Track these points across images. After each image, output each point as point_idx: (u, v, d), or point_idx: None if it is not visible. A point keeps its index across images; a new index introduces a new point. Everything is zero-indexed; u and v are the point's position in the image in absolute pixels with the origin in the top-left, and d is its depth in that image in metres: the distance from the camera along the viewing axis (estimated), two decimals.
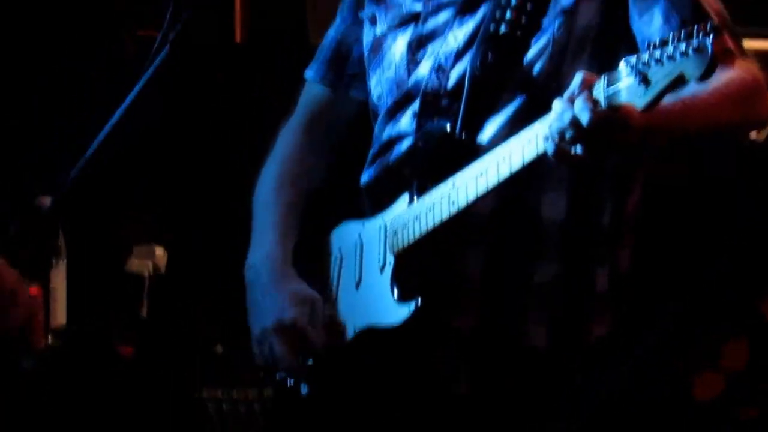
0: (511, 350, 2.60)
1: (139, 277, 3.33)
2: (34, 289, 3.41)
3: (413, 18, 2.82)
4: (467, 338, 2.60)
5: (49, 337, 3.51)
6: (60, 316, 3.55)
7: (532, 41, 2.61)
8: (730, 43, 2.35)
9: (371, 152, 2.83)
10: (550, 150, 2.21)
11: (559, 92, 2.26)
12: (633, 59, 2.12)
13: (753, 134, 3.49)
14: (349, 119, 3.05)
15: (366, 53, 2.95)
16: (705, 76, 2.04)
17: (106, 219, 3.62)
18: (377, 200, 2.78)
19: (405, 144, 2.73)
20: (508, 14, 2.64)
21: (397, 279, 2.63)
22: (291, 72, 3.33)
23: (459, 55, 2.68)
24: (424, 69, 2.74)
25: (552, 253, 2.61)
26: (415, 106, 2.73)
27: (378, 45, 2.92)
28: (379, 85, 2.87)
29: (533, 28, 2.61)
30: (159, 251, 3.46)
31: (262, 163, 3.04)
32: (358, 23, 2.99)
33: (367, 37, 2.94)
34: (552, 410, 2.66)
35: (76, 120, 3.54)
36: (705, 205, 3.83)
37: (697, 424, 3.94)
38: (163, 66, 2.96)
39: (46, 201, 2.91)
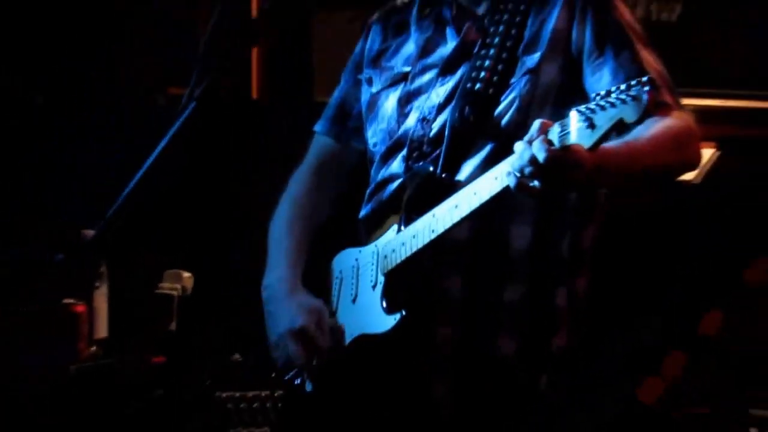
0: (484, 358, 2.57)
1: (169, 297, 3.19)
2: (80, 307, 3.35)
3: (403, 78, 2.79)
4: (447, 347, 2.54)
5: (92, 347, 3.39)
6: (102, 330, 3.44)
7: (502, 97, 2.57)
8: (668, 98, 2.44)
9: (368, 191, 2.79)
10: (512, 184, 2.20)
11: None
12: (582, 107, 2.10)
13: (689, 175, 3.09)
14: (350, 165, 3.01)
15: (364, 109, 2.90)
16: (640, 120, 2.06)
17: (142, 249, 3.53)
18: (372, 230, 2.74)
19: (396, 183, 2.69)
20: (482, 74, 2.62)
21: (386, 295, 2.62)
22: (298, 124, 3.44)
23: (440, 108, 2.64)
24: (411, 120, 2.71)
25: (519, 277, 2.55)
26: (404, 151, 2.68)
27: (374, 102, 2.88)
28: (375, 135, 2.83)
29: (503, 86, 2.58)
30: (186, 276, 3.23)
31: (275, 203, 2.99)
32: (357, 84, 2.96)
33: (365, 95, 2.90)
34: (520, 412, 2.60)
35: (117, 164, 3.49)
36: (655, 238, 3.63)
37: (640, 421, 3.68)
38: (189, 118, 3.15)
39: (89, 234, 2.86)
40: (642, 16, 4.06)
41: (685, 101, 2.60)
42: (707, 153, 3.56)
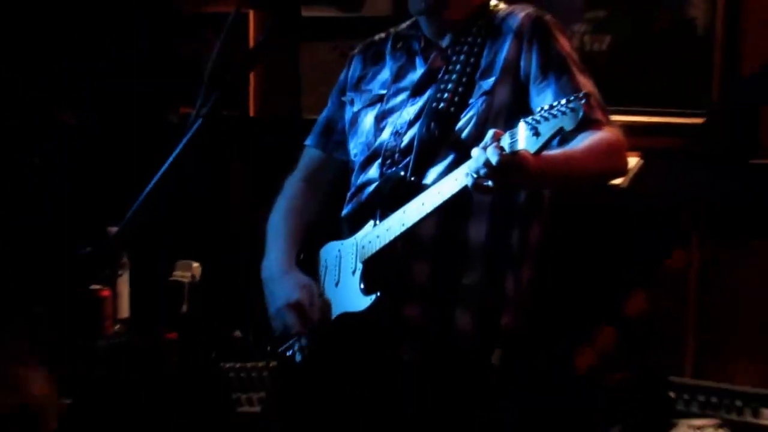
0: (445, 331, 2.71)
1: (180, 284, 3.33)
2: (106, 292, 3.46)
3: (379, 99, 2.90)
4: (415, 321, 2.69)
5: (116, 326, 3.52)
6: (124, 311, 3.56)
7: (462, 115, 2.69)
8: (600, 115, 2.60)
9: (349, 194, 2.89)
10: (470, 183, 2.32)
11: None
12: (529, 119, 2.24)
13: (618, 181, 3.30)
14: (334, 173, 3.09)
15: (347, 126, 3.00)
16: (577, 128, 2.22)
17: (158, 243, 3.46)
18: (352, 226, 2.84)
19: (372, 186, 2.80)
20: (445, 96, 2.74)
21: (363, 279, 2.74)
22: (289, 138, 3.38)
23: (410, 124, 2.77)
24: (385, 134, 2.83)
25: (475, 265, 2.68)
26: (380, 160, 2.80)
27: (355, 119, 2.97)
28: (356, 147, 2.93)
29: (463, 105, 2.70)
30: (195, 266, 3.41)
31: (270, 203, 3.10)
32: (341, 105, 3.05)
33: (348, 114, 3.00)
34: (475, 378, 2.76)
35: (137, 172, 3.51)
36: (591, 235, 3.59)
37: (577, 387, 3.62)
38: (197, 132, 3.24)
39: (113, 231, 2.74)
40: (578, 46, 3.97)
41: (615, 117, 2.76)
42: (633, 161, 3.49)
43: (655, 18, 3.95)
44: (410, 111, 2.84)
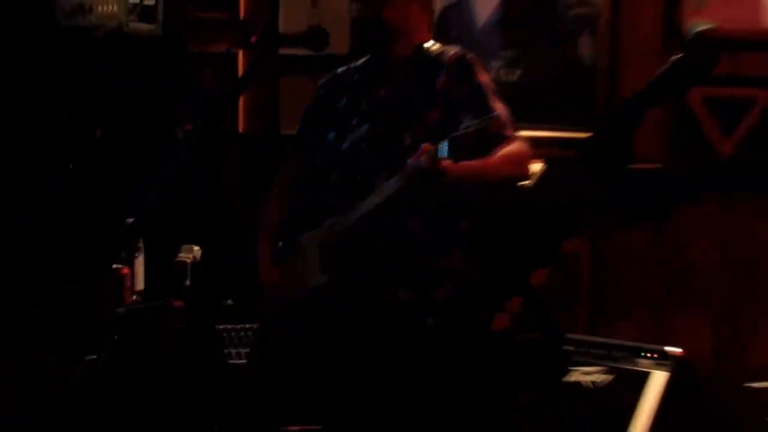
0: (390, 301, 2.83)
1: (184, 263, 3.15)
2: (125, 270, 3.40)
3: (341, 120, 3.01)
4: (368, 293, 2.83)
5: (134, 296, 3.48)
6: (140, 284, 3.51)
7: (405, 133, 2.82)
8: (510, 132, 2.79)
9: (317, 195, 3.02)
10: (406, 185, 2.55)
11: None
12: (451, 135, 2.46)
13: (525, 182, 3.21)
14: (310, 176, 3.16)
15: (316, 142, 3.10)
16: (490, 142, 2.55)
17: (167, 231, 3.40)
18: (320, 219, 2.97)
19: (334, 189, 2.94)
20: (392, 117, 2.88)
21: (322, 259, 2.91)
22: (270, 148, 3.85)
23: (364, 140, 2.90)
24: (346, 147, 2.94)
25: (417, 248, 2.83)
26: (340, 168, 2.93)
27: (322, 135, 3.06)
28: (324, 157, 3.03)
29: (406, 125, 2.83)
30: (196, 249, 3.15)
31: (255, 201, 3.36)
32: (311, 126, 3.14)
33: (315, 132, 3.09)
34: (414, 340, 2.87)
35: (150, 175, 3.52)
36: (505, 224, 3.35)
37: (493, 345, 3.93)
38: (199, 144, 2.97)
39: (130, 221, 3.00)
40: (494, 78, 3.87)
41: (523, 133, 2.99)
42: (537, 166, 3.34)
43: (553, 55, 4.08)
44: (364, 130, 2.96)
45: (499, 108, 2.85)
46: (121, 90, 3.68)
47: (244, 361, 3.32)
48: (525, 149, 2.93)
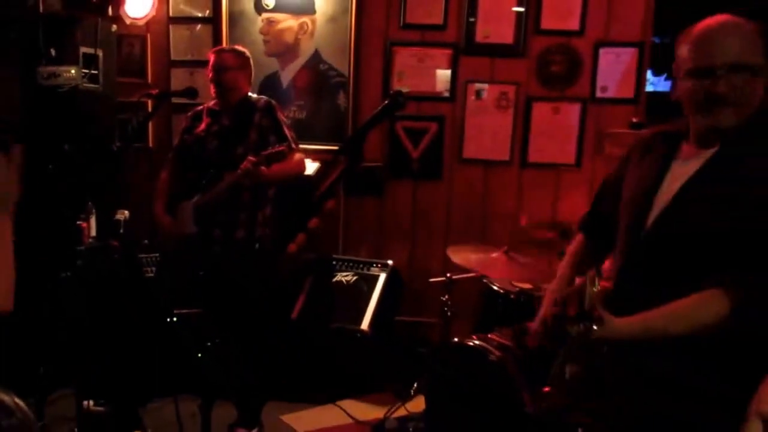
0: (232, 239, 3.48)
1: (119, 221, 3.62)
2: (84, 224, 3.74)
3: (200, 137, 3.60)
4: (222, 238, 3.48)
5: (89, 239, 3.76)
6: (93, 232, 3.81)
7: (238, 147, 3.47)
8: (295, 147, 3.40)
9: (191, 180, 3.54)
10: (239, 179, 3.22)
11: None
12: (265, 152, 3.11)
13: (309, 173, 4.16)
14: (183, 168, 3.64)
15: (187, 148, 3.65)
16: (284, 155, 3.01)
17: (109, 202, 3.76)
18: (192, 195, 3.49)
19: (199, 177, 3.56)
20: (230, 137, 3.48)
21: (193, 216, 3.50)
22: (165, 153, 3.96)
23: (216, 150, 3.54)
24: (202, 154, 3.57)
25: (245, 210, 3.50)
26: (202, 165, 3.53)
27: (189, 146, 3.65)
28: (192, 160, 3.61)
29: (238, 142, 3.47)
30: (126, 212, 3.65)
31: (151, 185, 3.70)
32: (183, 139, 3.70)
33: (186, 143, 3.66)
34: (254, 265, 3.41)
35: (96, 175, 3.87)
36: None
37: (286, 261, 4.13)
38: (123, 156, 3.94)
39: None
40: (290, 115, 4.77)
41: (303, 146, 3.61)
42: (315, 165, 4.36)
43: (323, 104, 4.88)
44: (215, 143, 3.55)
45: (290, 134, 3.51)
46: (79, 121, 3.94)
47: (152, 274, 3.92)
48: (302, 157, 3.59)
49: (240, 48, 3.71)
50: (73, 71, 3.79)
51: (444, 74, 4.64)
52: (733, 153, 1.72)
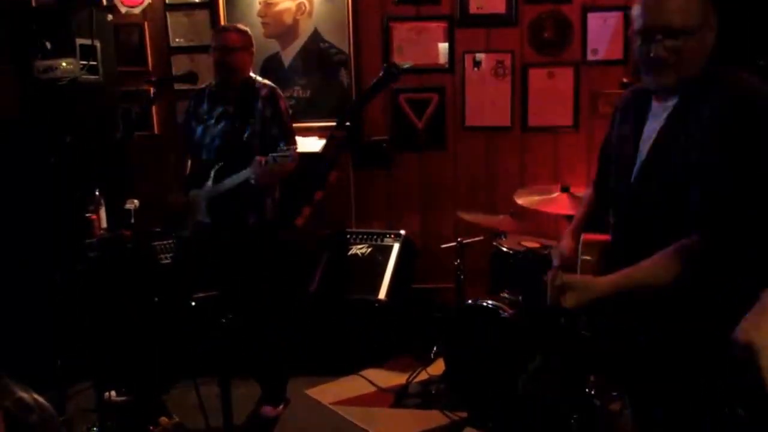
0: (243, 224, 3.28)
1: (129, 210, 3.27)
2: (94, 216, 3.64)
3: (203, 120, 3.34)
4: (233, 219, 3.24)
5: (100, 231, 3.67)
6: (103, 224, 3.70)
7: (244, 134, 3.24)
8: (293, 145, 3.16)
9: (201, 169, 3.31)
10: (251, 177, 2.99)
11: (258, 154, 2.97)
12: (273, 155, 2.92)
13: (317, 150, 4.11)
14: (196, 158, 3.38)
15: (190, 134, 3.41)
16: (288, 157, 2.83)
17: (119, 192, 3.55)
18: (202, 183, 3.27)
19: (208, 164, 3.32)
20: (235, 125, 3.26)
21: (206, 208, 3.29)
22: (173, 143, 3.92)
23: (219, 135, 3.30)
24: (207, 141, 3.33)
25: (256, 199, 3.28)
26: (206, 154, 3.33)
27: (194, 130, 3.38)
28: (195, 148, 3.38)
29: (243, 129, 3.25)
30: (136, 201, 3.26)
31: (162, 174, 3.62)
32: (188, 122, 3.44)
33: (190, 127, 3.41)
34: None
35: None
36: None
37: (300, 237, 3.83)
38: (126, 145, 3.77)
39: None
40: (293, 95, 4.62)
41: (311, 124, 3.86)
42: (322, 142, 4.21)
43: (326, 81, 4.67)
44: (218, 128, 3.32)
45: (291, 128, 3.34)
46: (80, 113, 3.78)
47: (168, 261, 3.71)
48: (298, 155, 3.15)
49: (242, 26, 3.43)
50: (69, 63, 3.62)
51: (442, 47, 4.46)
52: (688, 105, 1.73)
